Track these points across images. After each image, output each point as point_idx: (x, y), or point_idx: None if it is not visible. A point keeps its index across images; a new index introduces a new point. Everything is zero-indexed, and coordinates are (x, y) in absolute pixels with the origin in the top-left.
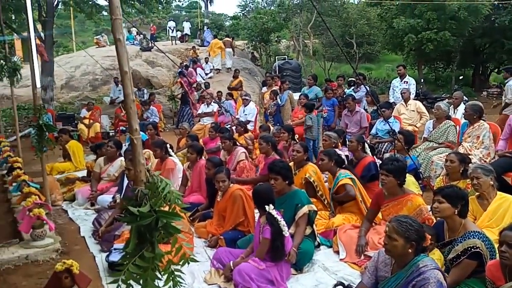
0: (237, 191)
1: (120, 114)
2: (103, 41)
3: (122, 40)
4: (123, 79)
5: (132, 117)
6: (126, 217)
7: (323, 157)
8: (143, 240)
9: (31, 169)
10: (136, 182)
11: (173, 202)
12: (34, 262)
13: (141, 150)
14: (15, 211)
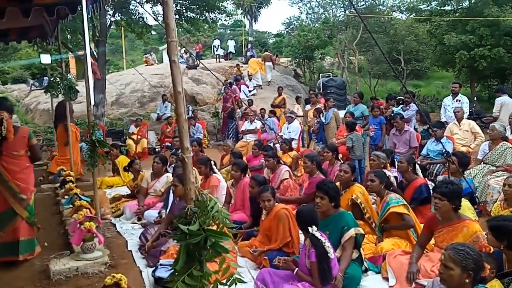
0: (282, 210)
1: (166, 130)
2: (152, 59)
3: (177, 61)
4: (176, 99)
5: (184, 136)
6: (176, 235)
7: (374, 178)
8: (192, 258)
9: (82, 183)
10: (186, 200)
11: (222, 222)
12: (84, 274)
13: (192, 169)
14: (66, 223)
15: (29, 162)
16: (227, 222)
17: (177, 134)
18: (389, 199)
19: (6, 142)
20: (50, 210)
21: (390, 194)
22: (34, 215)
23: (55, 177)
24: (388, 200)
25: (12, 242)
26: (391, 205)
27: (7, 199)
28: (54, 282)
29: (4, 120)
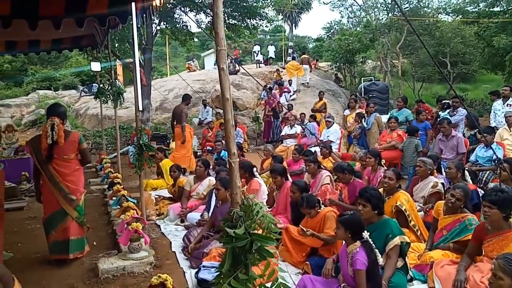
0: (330, 212)
1: (207, 134)
2: (194, 65)
3: (226, 69)
4: (224, 105)
5: (231, 141)
6: (222, 238)
7: (460, 197)
8: (237, 261)
9: (128, 185)
10: (232, 204)
11: (267, 226)
12: (130, 274)
13: (238, 173)
14: (114, 223)
15: (79, 165)
16: (272, 227)
17: (219, 139)
18: (468, 221)
19: (57, 146)
20: (98, 210)
21: (468, 215)
22: (83, 215)
23: (103, 179)
24: (467, 221)
25: (63, 241)
26: (470, 233)
27: (58, 200)
28: (102, 280)
29: (55, 125)
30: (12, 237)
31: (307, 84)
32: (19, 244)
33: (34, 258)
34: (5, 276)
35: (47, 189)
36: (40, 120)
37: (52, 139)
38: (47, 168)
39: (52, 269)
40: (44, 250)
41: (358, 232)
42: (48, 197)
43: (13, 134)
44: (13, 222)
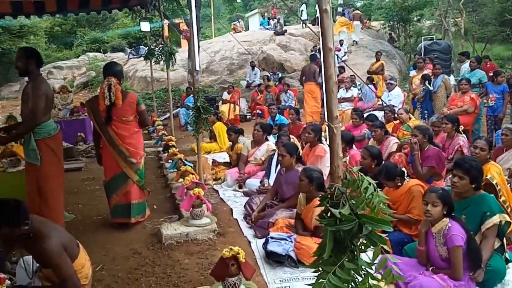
0: (417, 187)
1: (256, 97)
2: (240, 26)
3: (329, 10)
4: (326, 57)
5: (332, 103)
6: (324, 219)
7: None
8: (341, 247)
9: (180, 147)
10: (333, 178)
11: (378, 206)
12: (194, 241)
13: (340, 142)
14: (172, 187)
15: (138, 127)
16: (384, 207)
17: (270, 102)
18: None
19: (115, 107)
20: (155, 173)
21: None
22: (144, 179)
23: (156, 141)
24: None
25: (125, 204)
26: None
27: (119, 163)
28: (166, 246)
29: (112, 86)
30: (73, 197)
31: (356, 44)
32: (80, 206)
33: (96, 220)
34: (69, 245)
35: (107, 152)
36: (91, 82)
37: (109, 100)
38: (106, 130)
39: (114, 232)
40: (105, 213)
41: (452, 208)
42: (109, 160)
43: (68, 95)
44: (72, 183)
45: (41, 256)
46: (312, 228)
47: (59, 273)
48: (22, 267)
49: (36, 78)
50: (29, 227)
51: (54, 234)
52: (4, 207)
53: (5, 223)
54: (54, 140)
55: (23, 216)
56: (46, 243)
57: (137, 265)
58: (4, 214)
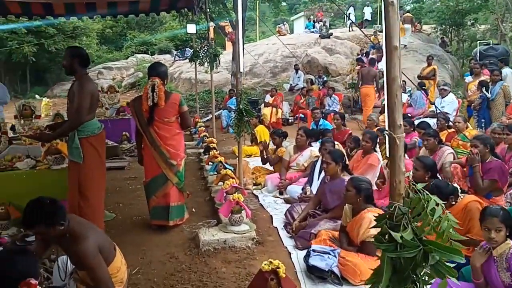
0: (474, 203)
1: (299, 101)
2: (284, 29)
3: (396, 4)
4: (389, 57)
5: (396, 109)
6: (381, 243)
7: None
8: (400, 276)
9: (221, 150)
10: (393, 196)
11: (447, 231)
12: (232, 248)
13: (403, 153)
14: (211, 190)
15: (180, 129)
16: (454, 233)
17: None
18: None
19: (158, 108)
20: (195, 175)
21: None
22: (183, 181)
23: (198, 143)
24: None
25: (164, 206)
26: None
27: (159, 164)
28: (203, 252)
29: (156, 86)
30: (114, 196)
31: (405, 47)
32: (121, 205)
33: (135, 221)
34: (105, 248)
35: (148, 153)
36: (139, 82)
37: (152, 101)
38: (148, 131)
39: (152, 234)
40: (145, 213)
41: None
42: (149, 161)
43: (115, 95)
44: (114, 182)
45: (77, 258)
46: (359, 243)
47: (93, 276)
48: (59, 266)
49: (82, 77)
50: (65, 228)
51: (91, 236)
52: (40, 205)
53: (40, 221)
54: (98, 139)
55: (59, 216)
56: (82, 244)
57: (173, 271)
58: (39, 212)
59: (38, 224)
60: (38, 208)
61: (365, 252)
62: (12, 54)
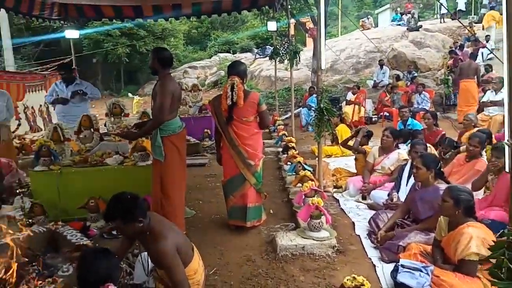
0: None
1: (384, 98)
2: (368, 23)
3: None
4: None
5: None
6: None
7: None
8: None
9: (300, 149)
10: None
11: None
12: (310, 255)
13: None
14: (289, 191)
15: (258, 128)
16: None
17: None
18: None
19: (236, 107)
20: (273, 174)
21: None
22: (261, 182)
23: (276, 142)
24: None
25: (241, 207)
26: None
27: (237, 164)
28: (280, 257)
29: (235, 85)
30: (195, 193)
31: None
32: (201, 202)
33: (214, 219)
34: (184, 249)
35: (226, 152)
36: (221, 81)
37: (231, 100)
38: (227, 130)
39: (229, 235)
40: (223, 212)
41: None
42: (228, 160)
43: (198, 93)
44: (195, 179)
45: (155, 256)
46: (456, 261)
47: (170, 276)
48: (141, 262)
49: (164, 77)
50: (144, 225)
51: (170, 236)
52: (120, 200)
53: (118, 216)
54: (178, 138)
55: (138, 213)
56: (161, 243)
57: (250, 275)
58: (119, 207)
59: (117, 219)
60: (118, 203)
61: (464, 272)
62: (107, 55)
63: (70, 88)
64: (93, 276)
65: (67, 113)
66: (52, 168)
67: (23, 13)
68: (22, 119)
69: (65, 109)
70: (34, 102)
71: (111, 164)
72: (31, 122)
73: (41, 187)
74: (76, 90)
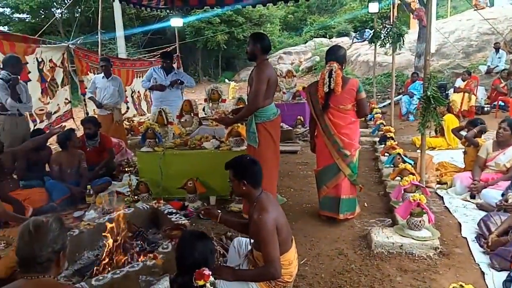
0: None
1: (498, 85)
2: (483, 2)
3: None
4: None
5: None
6: None
7: None
8: None
9: (399, 139)
10: None
11: None
12: (409, 255)
13: None
14: (386, 184)
15: (356, 117)
16: None
17: None
18: None
19: (334, 94)
20: (368, 165)
21: None
22: (357, 173)
23: (373, 131)
24: None
25: (334, 198)
26: None
27: (332, 154)
28: (375, 254)
29: (334, 71)
30: (286, 180)
31: None
32: (292, 190)
33: (304, 208)
34: (284, 233)
35: (321, 141)
36: (315, 67)
37: (329, 87)
38: (322, 118)
39: (321, 226)
40: (314, 202)
41: None
42: (322, 149)
43: (292, 79)
44: (287, 166)
45: (254, 227)
46: None
47: (263, 251)
48: (235, 246)
49: (261, 63)
50: (252, 193)
51: (274, 213)
52: (242, 158)
53: (232, 168)
54: (273, 125)
55: (248, 175)
56: (263, 214)
57: (342, 269)
58: (237, 162)
59: (230, 170)
60: (240, 158)
61: None
62: (207, 42)
63: (169, 77)
64: (190, 260)
65: (164, 98)
66: (156, 149)
67: (134, 3)
68: (129, 102)
69: (162, 95)
70: (140, 87)
71: (208, 148)
72: (137, 106)
73: (146, 166)
74: (175, 79)
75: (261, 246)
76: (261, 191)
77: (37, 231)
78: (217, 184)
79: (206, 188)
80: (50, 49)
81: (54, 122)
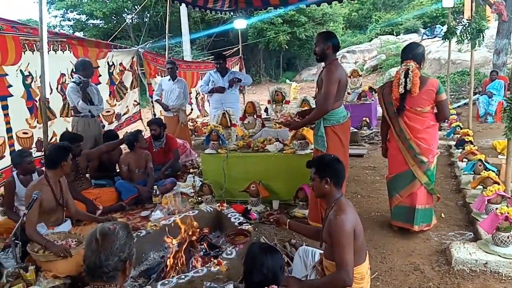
0: None
1: None
2: None
3: None
4: None
5: None
6: None
7: None
8: None
9: (477, 143)
10: None
11: None
12: (494, 274)
13: None
14: (466, 193)
15: (434, 120)
16: None
17: None
18: None
19: (410, 96)
20: (443, 171)
21: None
22: (434, 182)
23: (448, 134)
24: None
25: (408, 207)
26: None
27: (406, 160)
28: (455, 271)
29: (410, 71)
30: (353, 186)
31: None
32: (359, 196)
33: (374, 217)
34: (359, 242)
35: (394, 145)
36: (381, 65)
37: (404, 88)
38: (396, 121)
39: (393, 237)
40: (384, 210)
41: None
42: (395, 155)
43: (358, 79)
44: (353, 170)
45: (330, 228)
46: None
47: (337, 255)
48: (300, 256)
49: (332, 63)
50: (333, 194)
51: (353, 217)
52: (326, 156)
53: (315, 166)
54: (342, 128)
55: (329, 172)
56: (341, 216)
57: (419, 287)
58: (320, 159)
59: (313, 167)
60: (323, 157)
61: None
62: (269, 43)
63: (226, 77)
64: (260, 277)
65: (225, 100)
66: (220, 151)
67: (199, 6)
68: (193, 104)
69: (222, 96)
70: None
71: (272, 151)
72: (200, 107)
73: (209, 168)
74: (232, 78)
75: (335, 250)
76: (341, 194)
77: (104, 240)
78: (281, 188)
79: (269, 191)
80: (121, 53)
81: (123, 123)
